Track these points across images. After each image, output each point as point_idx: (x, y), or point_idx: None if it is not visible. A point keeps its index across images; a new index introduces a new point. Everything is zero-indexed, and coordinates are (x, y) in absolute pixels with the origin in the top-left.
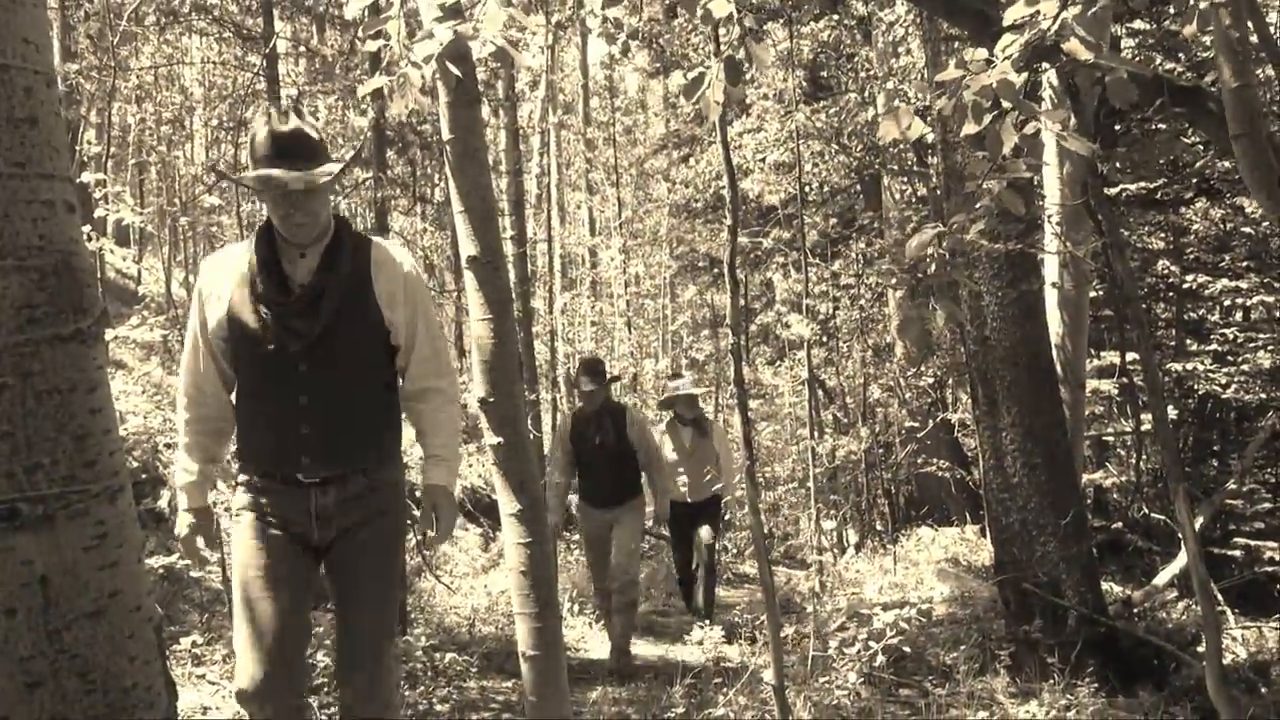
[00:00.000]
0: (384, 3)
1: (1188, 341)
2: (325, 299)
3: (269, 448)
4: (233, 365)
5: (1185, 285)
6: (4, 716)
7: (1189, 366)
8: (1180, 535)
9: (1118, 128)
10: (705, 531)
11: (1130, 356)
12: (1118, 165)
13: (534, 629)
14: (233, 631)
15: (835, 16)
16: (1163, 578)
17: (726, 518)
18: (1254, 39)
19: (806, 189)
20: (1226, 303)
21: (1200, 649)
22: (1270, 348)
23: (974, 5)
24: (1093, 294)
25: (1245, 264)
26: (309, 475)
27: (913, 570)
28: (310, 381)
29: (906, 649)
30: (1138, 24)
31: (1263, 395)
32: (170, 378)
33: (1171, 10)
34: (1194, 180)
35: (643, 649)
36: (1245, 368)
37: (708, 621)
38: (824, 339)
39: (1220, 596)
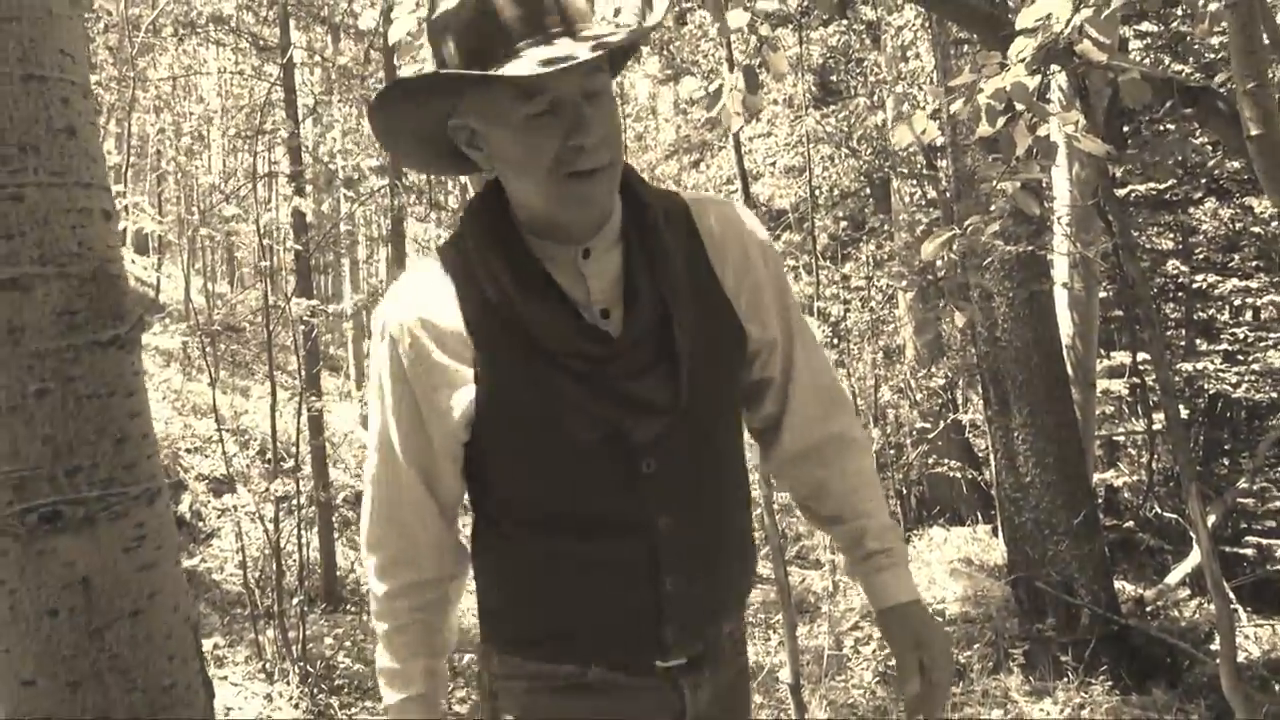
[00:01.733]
0: (411, 35)
1: (1198, 341)
2: (680, 332)
3: (594, 619)
4: (479, 476)
5: (1195, 285)
6: (47, 714)
7: (1199, 366)
8: (1193, 534)
9: (1127, 129)
10: None
11: (1141, 356)
12: (1129, 166)
13: None
14: None
15: (844, 22)
16: (1175, 576)
17: None
18: (1266, 40)
19: (817, 192)
20: (1236, 302)
21: (1213, 647)
22: None
23: (984, 9)
24: (1102, 294)
25: (1255, 264)
26: (673, 657)
27: (925, 570)
28: (666, 489)
29: None
30: (1145, 25)
31: (1273, 394)
32: (191, 384)
33: (1180, 12)
34: (1203, 181)
35: None
36: (1256, 367)
37: None
38: (835, 341)
39: (1233, 594)
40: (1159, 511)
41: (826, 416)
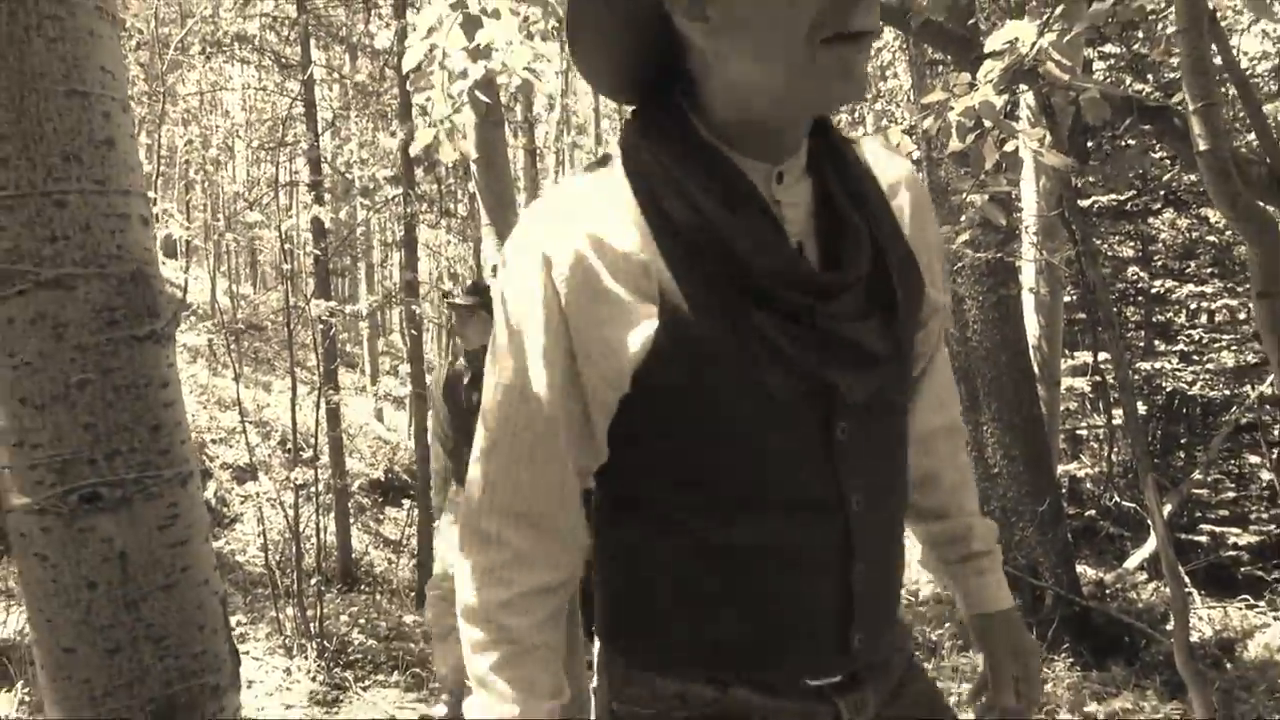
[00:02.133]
0: (427, 57)
1: (1156, 342)
2: (896, 274)
3: (773, 622)
4: (631, 441)
5: (1154, 290)
6: (86, 679)
7: (1157, 365)
8: (1150, 522)
9: (1090, 144)
10: None
11: (1102, 356)
12: (1091, 179)
13: None
14: None
15: None
16: (1133, 561)
17: None
18: (1218, 60)
19: None
20: (1192, 306)
21: (1168, 627)
22: (1233, 348)
23: (958, 31)
24: (1067, 298)
25: (1209, 270)
26: (838, 670)
27: None
28: (859, 460)
29: None
30: (1109, 47)
31: (1226, 392)
32: (216, 379)
33: (1140, 35)
34: (1161, 192)
35: None
36: (1210, 366)
37: None
38: None
39: (1187, 578)
40: (1118, 501)
41: (945, 405)
